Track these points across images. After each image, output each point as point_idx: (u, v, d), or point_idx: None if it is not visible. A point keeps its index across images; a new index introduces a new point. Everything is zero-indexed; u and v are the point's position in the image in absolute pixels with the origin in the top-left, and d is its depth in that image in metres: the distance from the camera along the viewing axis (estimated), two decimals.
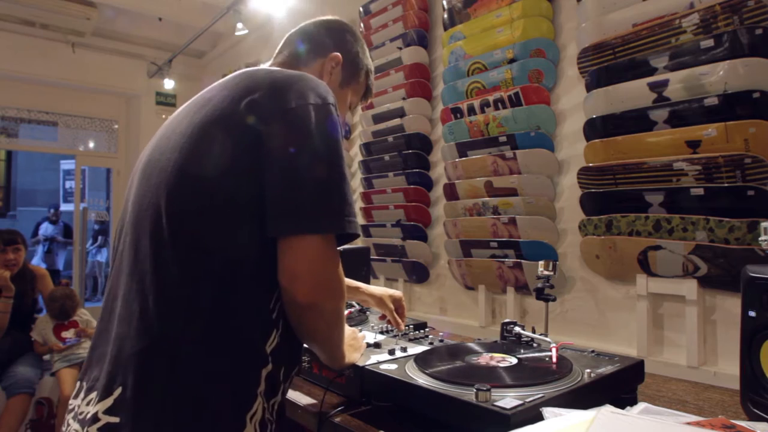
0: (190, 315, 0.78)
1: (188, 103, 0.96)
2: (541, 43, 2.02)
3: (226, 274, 0.79)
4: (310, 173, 0.80)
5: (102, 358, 0.82)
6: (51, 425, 2.99)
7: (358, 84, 1.16)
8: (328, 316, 0.86)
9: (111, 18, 4.49)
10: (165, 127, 0.95)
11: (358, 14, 2.96)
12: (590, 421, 0.74)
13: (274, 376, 0.83)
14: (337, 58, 1.09)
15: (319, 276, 0.81)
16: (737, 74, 1.45)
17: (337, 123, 0.86)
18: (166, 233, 0.80)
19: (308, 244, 0.80)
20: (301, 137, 0.81)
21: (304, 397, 1.19)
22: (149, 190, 0.86)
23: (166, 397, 0.75)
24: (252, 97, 0.84)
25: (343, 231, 0.82)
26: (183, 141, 0.85)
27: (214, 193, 0.81)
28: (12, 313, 3.00)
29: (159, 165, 0.86)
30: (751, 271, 1.00)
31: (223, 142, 0.82)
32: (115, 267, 0.90)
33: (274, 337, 0.83)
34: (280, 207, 0.79)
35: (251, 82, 0.88)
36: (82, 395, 0.82)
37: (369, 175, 2.87)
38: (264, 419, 0.81)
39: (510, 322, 1.28)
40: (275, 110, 0.83)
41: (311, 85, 0.87)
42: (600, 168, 1.76)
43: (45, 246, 7.31)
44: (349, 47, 1.13)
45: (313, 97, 0.85)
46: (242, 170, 0.80)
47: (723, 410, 1.15)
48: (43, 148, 6.13)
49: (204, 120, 0.85)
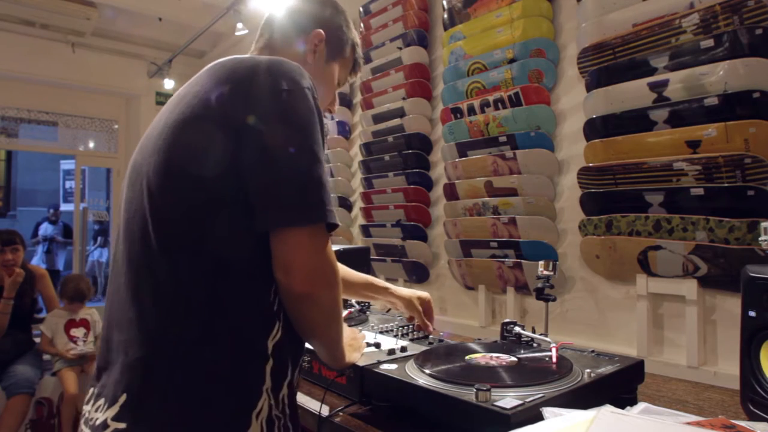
0: (188, 317, 0.78)
1: (168, 102, 0.95)
2: (541, 43, 2.02)
3: (219, 272, 0.79)
4: (289, 164, 0.79)
5: (108, 365, 0.83)
6: (51, 425, 2.99)
7: (345, 58, 1.12)
8: (324, 306, 0.85)
9: (111, 18, 4.48)
10: (148, 129, 0.94)
11: (358, 14, 2.96)
12: (590, 421, 0.74)
13: (280, 371, 0.83)
14: (320, 35, 1.05)
15: (312, 266, 0.80)
16: (737, 74, 1.45)
17: (314, 108, 0.84)
18: (153, 239, 0.79)
19: (297, 235, 0.79)
20: (276, 127, 0.79)
21: (304, 397, 1.19)
22: (134, 196, 0.85)
23: (170, 401, 0.75)
24: (222, 91, 0.81)
25: (324, 221, 0.81)
26: (160, 143, 0.83)
27: (197, 193, 0.79)
28: (12, 313, 3.00)
29: (142, 170, 0.85)
30: (751, 271, 1.00)
31: (198, 140, 0.81)
32: (113, 274, 0.90)
33: (277, 330, 0.82)
34: (264, 201, 0.78)
35: (223, 73, 0.85)
36: (92, 401, 0.83)
37: (369, 175, 2.87)
38: (271, 416, 0.81)
39: (510, 322, 1.28)
40: (247, 102, 0.80)
41: (282, 70, 0.84)
42: (600, 168, 1.76)
43: (45, 246, 7.30)
44: (332, 22, 1.08)
45: (285, 83, 0.82)
46: (222, 167, 0.79)
47: (723, 410, 1.15)
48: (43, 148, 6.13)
49: (177, 119, 0.83)
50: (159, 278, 0.79)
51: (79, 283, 3.23)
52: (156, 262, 0.79)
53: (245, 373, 0.79)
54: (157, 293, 0.79)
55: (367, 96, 2.90)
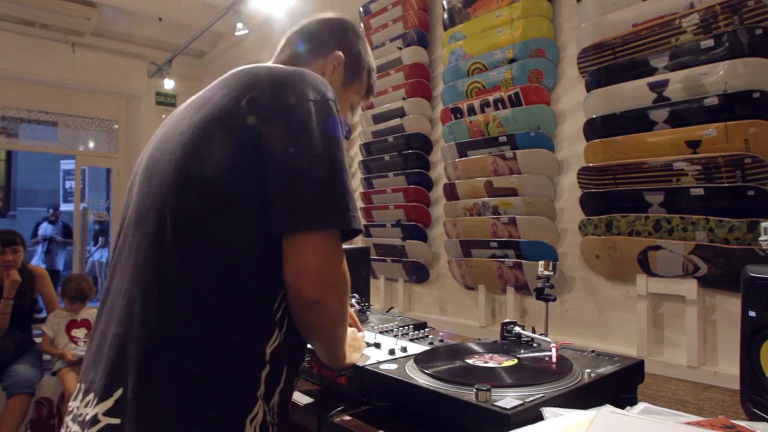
0: (193, 316, 0.77)
1: (188, 102, 0.96)
2: (541, 43, 2.02)
3: (229, 274, 0.79)
4: (312, 171, 0.80)
5: (99, 359, 0.82)
6: (51, 425, 2.99)
7: (361, 83, 1.16)
8: (333, 313, 0.86)
9: (111, 18, 4.48)
10: (165, 127, 0.95)
11: (358, 14, 2.96)
12: (590, 421, 0.74)
13: (274, 378, 0.83)
14: (340, 58, 1.09)
15: (324, 272, 0.81)
16: (737, 74, 1.45)
17: (337, 119, 0.86)
18: (169, 235, 0.80)
19: (314, 240, 0.80)
20: (302, 135, 0.81)
21: (304, 397, 1.19)
22: (150, 191, 0.85)
23: (167, 399, 0.75)
24: (251, 95, 0.84)
25: (348, 227, 0.82)
26: (184, 141, 0.84)
27: (217, 193, 0.80)
28: (12, 313, 3.00)
29: (160, 166, 0.86)
30: (751, 271, 1.00)
31: (223, 141, 0.82)
32: (113, 268, 0.90)
33: (275, 338, 0.83)
34: (285, 205, 0.79)
35: (250, 79, 0.87)
36: (81, 397, 0.82)
37: (369, 175, 2.87)
38: (265, 422, 0.81)
39: (510, 322, 1.28)
40: (275, 108, 0.83)
41: (310, 81, 0.87)
42: (600, 168, 1.76)
43: (44, 246, 7.30)
44: (351, 46, 1.12)
45: (312, 94, 0.85)
46: (244, 169, 0.80)
47: (723, 410, 1.15)
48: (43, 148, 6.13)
49: (204, 119, 0.85)
50: (168, 275, 0.79)
51: (81, 283, 3.24)
52: (167, 258, 0.79)
53: (243, 377, 0.79)
54: (166, 289, 0.79)
55: None
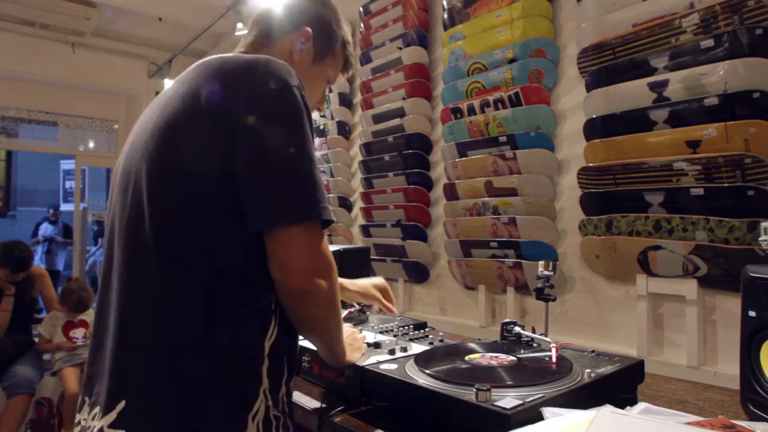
0: (185, 321, 0.77)
1: (152, 104, 0.93)
2: (541, 43, 2.02)
3: (216, 275, 0.78)
4: (279, 163, 0.79)
5: (101, 372, 0.82)
6: (51, 425, 2.99)
7: (334, 57, 1.09)
8: (322, 302, 0.85)
9: (111, 18, 4.48)
10: (134, 133, 0.92)
11: (358, 14, 2.96)
12: (590, 421, 0.74)
13: (277, 370, 0.83)
14: (307, 33, 1.03)
15: (308, 262, 0.80)
16: (737, 74, 1.45)
17: (301, 106, 0.83)
18: (150, 245, 0.79)
19: (292, 234, 0.79)
20: (266, 127, 0.79)
21: (304, 397, 1.19)
22: (127, 202, 0.85)
23: (168, 405, 0.75)
24: (209, 91, 0.81)
25: (320, 218, 0.81)
26: (150, 148, 0.83)
27: (190, 196, 0.79)
28: (12, 313, 3.00)
29: (133, 176, 0.85)
30: (751, 271, 0.99)
31: (188, 143, 0.80)
32: (103, 280, 0.89)
33: (272, 330, 0.83)
34: (258, 201, 0.78)
35: (208, 74, 0.84)
36: (87, 409, 0.83)
37: (369, 175, 2.87)
38: (268, 417, 0.81)
39: (510, 322, 1.28)
40: (236, 102, 0.80)
41: (269, 70, 0.83)
42: (600, 168, 1.76)
43: (44, 246, 7.30)
44: (320, 19, 1.06)
45: (273, 82, 0.81)
46: (214, 169, 0.78)
47: (723, 410, 1.15)
48: (43, 148, 6.12)
49: (167, 122, 0.82)
50: (155, 285, 0.79)
51: (82, 293, 3.22)
52: (151, 268, 0.79)
53: (241, 376, 0.79)
54: (154, 300, 0.78)
55: (367, 96, 2.90)
